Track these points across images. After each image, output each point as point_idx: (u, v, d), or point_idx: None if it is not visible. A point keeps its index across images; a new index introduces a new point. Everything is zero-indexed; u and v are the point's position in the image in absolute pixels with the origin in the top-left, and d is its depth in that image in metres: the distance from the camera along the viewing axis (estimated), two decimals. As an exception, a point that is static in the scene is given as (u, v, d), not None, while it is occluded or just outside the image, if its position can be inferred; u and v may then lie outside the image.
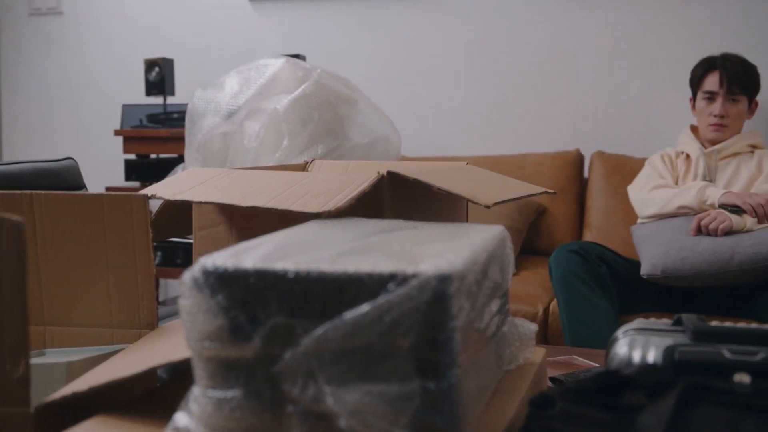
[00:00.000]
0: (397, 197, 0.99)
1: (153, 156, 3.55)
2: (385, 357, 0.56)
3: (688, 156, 2.74)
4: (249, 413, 0.60)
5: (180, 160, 3.21)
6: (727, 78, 2.68)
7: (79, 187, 1.76)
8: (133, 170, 3.47)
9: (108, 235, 1.01)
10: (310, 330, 0.58)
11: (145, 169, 3.48)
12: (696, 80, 2.79)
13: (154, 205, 1.12)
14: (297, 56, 3.15)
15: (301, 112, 2.01)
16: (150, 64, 3.51)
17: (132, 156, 3.53)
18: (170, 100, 3.57)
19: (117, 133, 3.53)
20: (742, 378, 0.61)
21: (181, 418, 0.63)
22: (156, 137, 3.44)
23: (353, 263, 0.59)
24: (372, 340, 0.56)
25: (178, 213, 1.16)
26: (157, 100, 3.60)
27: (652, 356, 0.67)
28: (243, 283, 0.60)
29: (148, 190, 1.01)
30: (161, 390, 0.86)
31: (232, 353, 0.60)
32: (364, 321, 0.56)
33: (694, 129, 2.85)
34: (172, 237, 1.32)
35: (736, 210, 2.40)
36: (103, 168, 3.79)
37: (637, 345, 0.69)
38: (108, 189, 3.41)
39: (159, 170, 3.23)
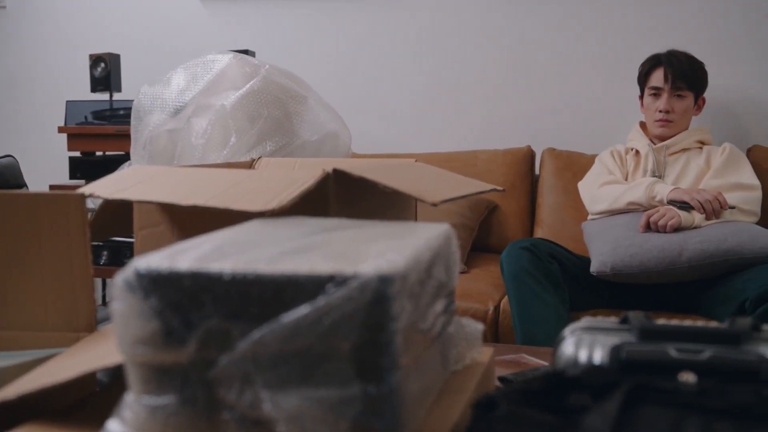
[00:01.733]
0: (342, 195, 0.97)
1: (99, 153, 3.48)
2: (324, 360, 0.54)
3: (637, 152, 2.77)
4: (184, 420, 0.58)
5: (126, 157, 3.15)
6: (671, 74, 2.71)
7: (19, 186, 1.72)
8: (77, 168, 3.40)
9: (44, 235, 0.97)
10: (246, 333, 0.56)
11: (91, 166, 3.41)
12: (642, 77, 2.84)
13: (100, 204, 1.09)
14: (246, 52, 3.11)
15: (249, 109, 1.98)
16: (95, 60, 3.44)
17: (77, 153, 3.46)
18: (116, 96, 3.51)
19: (61, 130, 3.45)
20: (688, 377, 0.60)
21: (113, 425, 0.60)
22: (101, 134, 3.38)
23: (292, 264, 0.57)
24: (311, 343, 0.54)
25: (121, 212, 1.13)
26: (103, 96, 3.53)
27: (598, 356, 0.66)
28: (177, 286, 0.58)
29: (86, 189, 0.98)
30: (99, 394, 0.83)
31: (166, 358, 0.58)
32: (302, 323, 0.54)
33: (643, 125, 2.88)
34: (115, 236, 1.29)
35: (685, 206, 2.42)
36: (47, 166, 3.72)
37: (584, 344, 0.68)
38: (52, 187, 3.33)
39: (105, 168, 3.17)
